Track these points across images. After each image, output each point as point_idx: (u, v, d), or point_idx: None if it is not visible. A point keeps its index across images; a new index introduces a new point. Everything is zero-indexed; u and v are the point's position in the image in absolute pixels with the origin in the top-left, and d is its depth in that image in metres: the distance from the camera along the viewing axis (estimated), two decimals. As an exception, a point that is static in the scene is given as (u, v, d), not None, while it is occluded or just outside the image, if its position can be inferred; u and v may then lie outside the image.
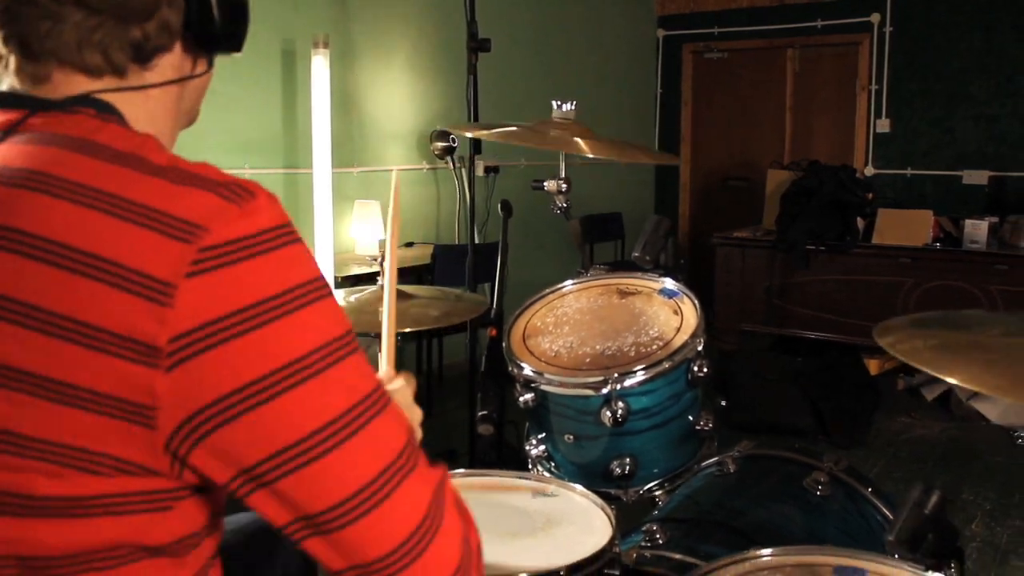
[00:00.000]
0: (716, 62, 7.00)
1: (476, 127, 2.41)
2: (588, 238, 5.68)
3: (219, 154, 3.91)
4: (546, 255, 5.15)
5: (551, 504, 1.52)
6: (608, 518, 1.43)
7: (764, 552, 1.32)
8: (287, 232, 0.65)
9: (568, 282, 1.83)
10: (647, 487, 1.64)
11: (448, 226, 5.30)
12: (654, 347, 1.59)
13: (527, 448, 1.70)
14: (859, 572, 1.27)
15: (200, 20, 0.74)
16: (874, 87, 6.30)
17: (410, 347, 4.65)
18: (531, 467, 1.71)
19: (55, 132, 0.66)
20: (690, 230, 7.20)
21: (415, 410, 0.93)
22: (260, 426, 0.61)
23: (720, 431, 1.75)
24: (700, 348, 1.59)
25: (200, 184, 0.63)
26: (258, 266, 0.62)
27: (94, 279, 0.59)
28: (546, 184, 1.92)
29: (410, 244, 4.91)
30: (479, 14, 3.21)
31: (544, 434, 1.68)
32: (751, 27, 6.74)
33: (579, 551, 1.32)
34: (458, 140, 4.89)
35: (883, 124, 6.29)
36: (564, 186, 1.91)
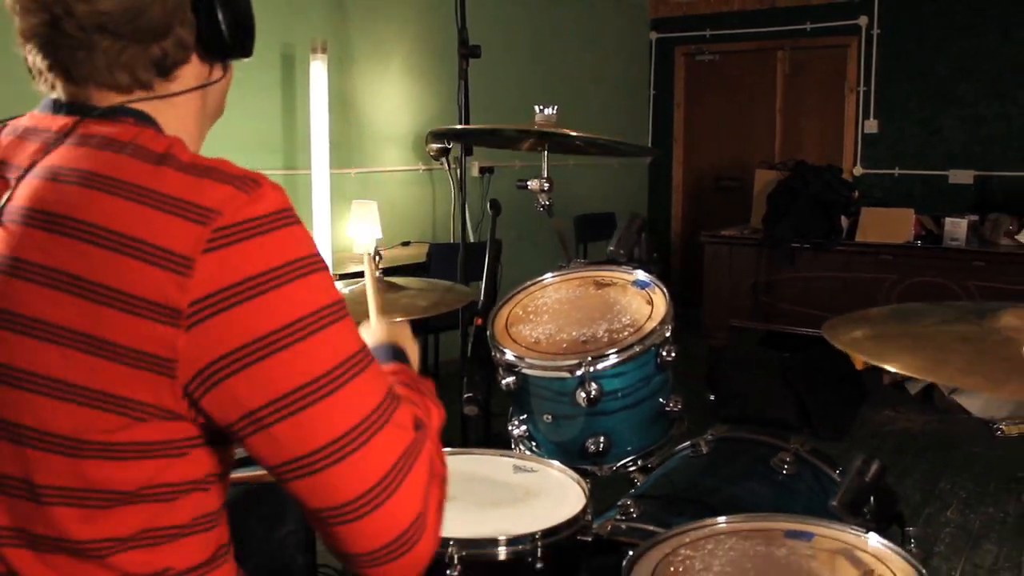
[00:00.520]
0: (708, 64, 7.10)
1: (460, 130, 2.53)
2: (582, 237, 5.80)
3: (222, 155, 3.97)
4: (539, 252, 5.25)
5: (531, 478, 1.65)
6: (583, 491, 1.57)
7: (720, 519, 1.45)
8: (288, 215, 0.78)
9: (548, 274, 1.95)
10: (620, 463, 1.75)
11: (443, 225, 5.41)
12: (626, 333, 1.71)
13: (509, 428, 1.82)
14: (807, 535, 1.39)
15: (210, 34, 0.87)
16: (862, 88, 6.40)
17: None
18: (513, 446, 1.83)
19: (103, 136, 0.80)
20: (683, 230, 7.27)
21: (412, 345, 1.10)
22: (262, 376, 0.74)
23: (705, 422, 1.85)
24: (668, 334, 1.70)
25: (217, 177, 0.77)
26: (263, 243, 0.75)
27: (131, 256, 0.73)
28: (529, 183, 2.04)
29: (406, 243, 5.01)
30: (474, 18, 3.30)
31: (525, 415, 1.80)
32: (742, 29, 6.85)
33: (554, 519, 1.46)
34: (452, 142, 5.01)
35: (871, 125, 6.39)
36: (547, 185, 2.03)
